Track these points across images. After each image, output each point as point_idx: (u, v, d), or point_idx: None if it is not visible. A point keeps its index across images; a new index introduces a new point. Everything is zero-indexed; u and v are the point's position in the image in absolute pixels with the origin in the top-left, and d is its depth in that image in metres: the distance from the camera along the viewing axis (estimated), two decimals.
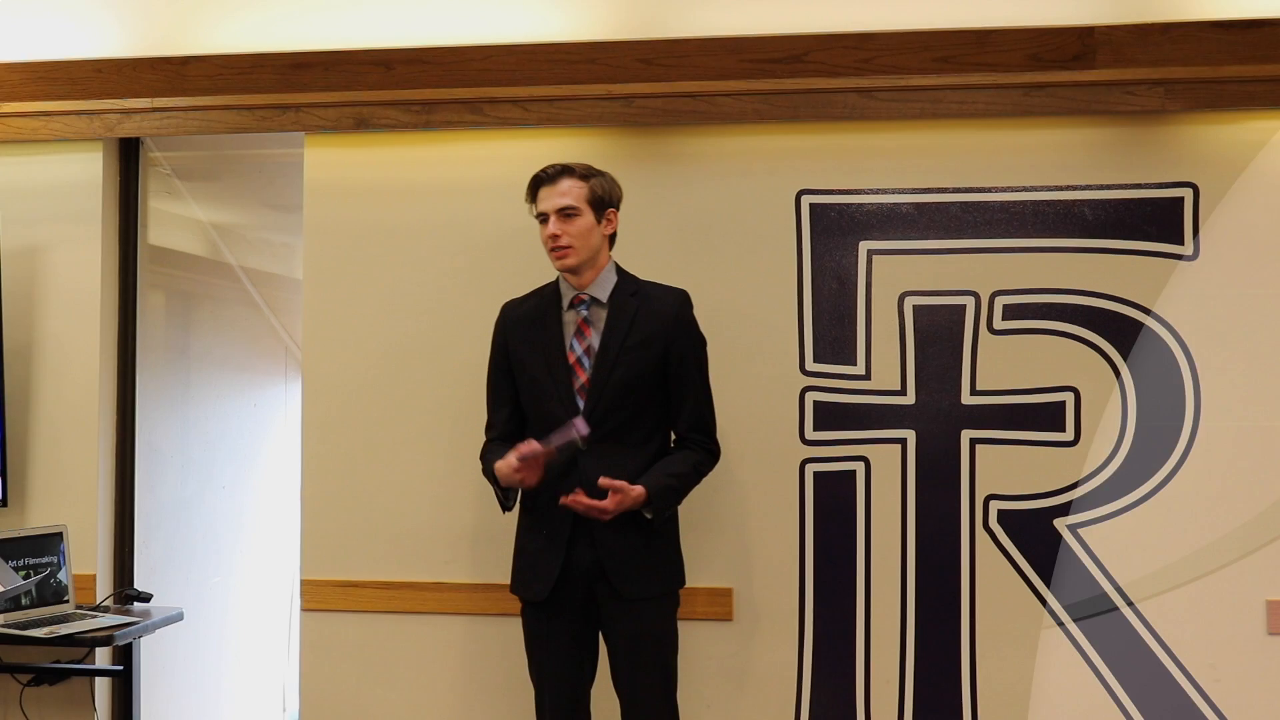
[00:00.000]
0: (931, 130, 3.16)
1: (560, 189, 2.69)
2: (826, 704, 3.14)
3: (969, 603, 3.11)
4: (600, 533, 2.62)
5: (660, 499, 2.63)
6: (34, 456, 3.46)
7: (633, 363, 2.67)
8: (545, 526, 2.68)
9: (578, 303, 2.74)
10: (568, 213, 2.68)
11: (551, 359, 2.71)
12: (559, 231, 2.68)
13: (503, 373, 2.81)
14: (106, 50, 3.40)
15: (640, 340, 2.69)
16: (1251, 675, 3.03)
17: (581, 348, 2.71)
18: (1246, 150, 3.07)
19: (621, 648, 2.69)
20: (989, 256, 3.14)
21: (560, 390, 2.68)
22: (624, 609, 2.66)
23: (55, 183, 3.47)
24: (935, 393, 3.13)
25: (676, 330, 2.72)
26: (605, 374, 2.66)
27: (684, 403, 2.73)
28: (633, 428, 2.68)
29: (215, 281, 4.21)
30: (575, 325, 2.73)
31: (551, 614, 2.68)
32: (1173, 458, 3.07)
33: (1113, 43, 3.01)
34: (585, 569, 2.65)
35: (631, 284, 2.77)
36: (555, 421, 2.61)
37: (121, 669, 3.39)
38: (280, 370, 4.53)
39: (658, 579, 2.70)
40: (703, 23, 3.18)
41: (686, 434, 2.75)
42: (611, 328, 2.70)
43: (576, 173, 2.70)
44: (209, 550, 4.12)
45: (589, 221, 2.70)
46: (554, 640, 2.69)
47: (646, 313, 2.71)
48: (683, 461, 2.71)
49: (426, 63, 3.21)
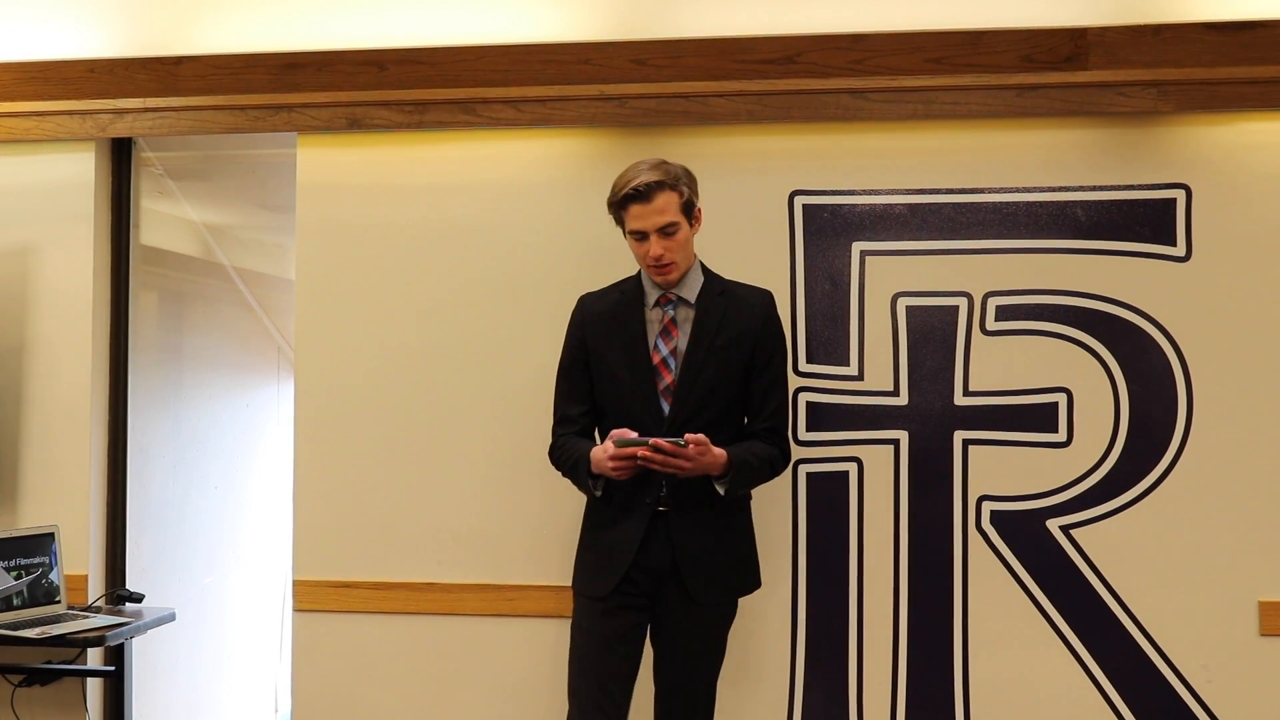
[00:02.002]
0: (924, 131, 3.16)
1: (657, 206, 2.57)
2: (819, 704, 3.14)
3: (961, 603, 3.12)
4: (677, 533, 2.59)
5: (738, 471, 2.57)
6: (25, 457, 3.46)
7: (720, 364, 2.62)
8: (618, 526, 2.61)
9: (664, 302, 2.67)
10: (668, 229, 2.58)
11: (635, 358, 2.64)
12: (663, 251, 2.58)
13: (580, 367, 2.72)
14: (99, 50, 3.40)
15: (728, 341, 2.63)
16: (1243, 676, 3.04)
17: (667, 348, 2.64)
18: (1239, 152, 3.08)
19: (676, 648, 2.64)
20: (982, 257, 3.14)
21: (643, 390, 2.62)
22: (688, 612, 2.61)
23: (47, 183, 3.47)
24: (928, 393, 3.14)
25: (764, 330, 2.68)
26: (693, 376, 2.60)
27: (766, 403, 2.67)
28: (716, 431, 2.59)
29: (207, 282, 4.21)
30: (661, 325, 2.66)
31: (611, 609, 2.61)
32: (1165, 459, 3.07)
33: (1105, 44, 3.02)
34: (656, 568, 2.59)
35: (718, 283, 2.71)
36: (635, 421, 2.58)
37: (113, 669, 3.39)
38: (272, 370, 4.53)
39: (727, 585, 2.67)
40: (696, 23, 3.18)
41: (762, 434, 2.69)
42: (699, 329, 2.63)
43: (667, 184, 2.58)
44: (201, 551, 4.12)
45: (686, 232, 2.62)
46: (609, 635, 2.60)
47: (735, 313, 2.66)
48: (763, 448, 2.66)
49: (419, 63, 3.21)
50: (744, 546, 2.72)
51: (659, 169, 2.60)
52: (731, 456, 2.55)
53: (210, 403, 4.22)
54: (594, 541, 2.70)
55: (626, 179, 2.60)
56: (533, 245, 3.23)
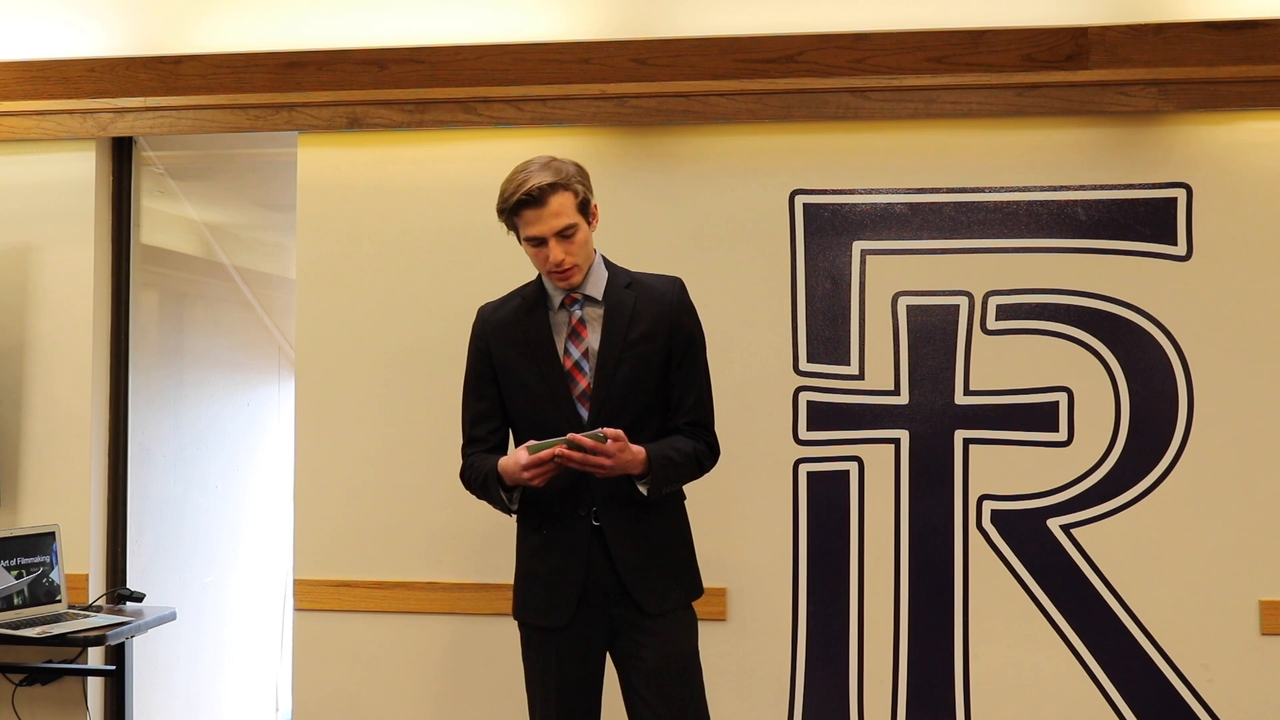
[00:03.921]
0: (925, 130, 3.16)
1: (552, 209, 2.38)
2: (820, 703, 3.14)
3: (962, 603, 3.12)
4: (617, 550, 2.42)
5: (659, 469, 2.39)
6: (26, 456, 3.46)
7: (636, 360, 2.45)
8: (558, 547, 2.46)
9: (569, 303, 2.50)
10: (566, 232, 2.40)
11: (545, 365, 2.47)
12: (563, 255, 2.41)
13: (487, 381, 2.56)
14: (100, 50, 3.40)
15: (641, 335, 2.46)
16: (1244, 675, 3.04)
17: (579, 351, 2.48)
18: (1240, 151, 3.08)
19: (648, 672, 2.43)
20: (983, 257, 3.14)
21: (558, 398, 2.45)
22: (648, 629, 2.44)
23: (48, 182, 3.47)
24: (929, 393, 3.14)
25: (679, 319, 2.51)
26: (609, 376, 2.44)
27: (687, 393, 2.51)
28: (639, 430, 2.44)
29: (208, 281, 4.21)
30: (569, 327, 2.49)
31: (567, 639, 2.45)
32: (1166, 458, 3.07)
33: (1106, 43, 3.02)
34: (605, 590, 2.44)
35: (623, 276, 2.54)
36: (553, 430, 2.39)
37: (114, 669, 3.38)
38: (273, 369, 4.53)
39: (679, 590, 2.50)
40: (696, 23, 3.18)
41: (686, 427, 2.52)
42: (610, 326, 2.47)
43: (560, 184, 2.39)
44: (202, 550, 4.12)
45: (585, 232, 2.44)
46: (567, 668, 2.45)
47: (645, 304, 2.49)
48: (685, 443, 2.48)
49: (420, 62, 3.21)
50: (683, 550, 2.58)
51: (549, 169, 2.41)
52: (650, 454, 2.38)
53: (211, 402, 4.22)
54: (536, 568, 2.50)
55: (516, 183, 2.41)
56: None
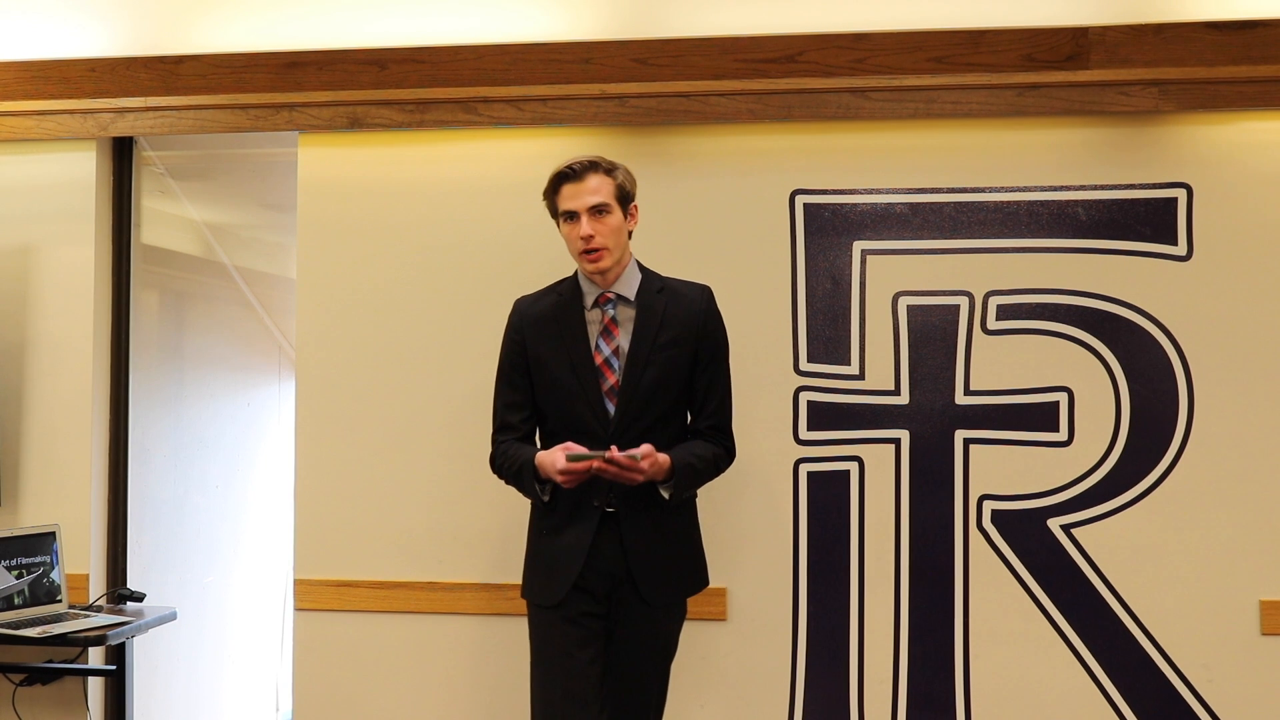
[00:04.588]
0: (925, 130, 3.16)
1: (589, 186, 2.54)
2: (820, 704, 3.14)
3: (962, 603, 3.12)
4: (631, 541, 2.56)
5: (682, 475, 2.54)
6: (27, 456, 3.46)
7: (664, 362, 2.57)
8: (568, 532, 2.58)
9: (603, 302, 2.62)
10: (599, 210, 2.54)
11: (577, 360, 2.58)
12: (593, 231, 2.53)
13: (521, 372, 2.66)
14: (100, 49, 3.40)
15: (670, 339, 2.59)
16: (1244, 675, 3.03)
17: (609, 348, 2.59)
18: (1240, 151, 3.08)
19: (628, 651, 2.60)
20: (983, 257, 3.14)
21: (587, 392, 2.57)
22: (641, 613, 2.58)
23: (48, 182, 3.47)
24: (929, 393, 3.14)
25: (707, 326, 2.64)
26: (637, 375, 2.56)
27: (709, 399, 2.64)
28: (661, 430, 2.58)
29: (209, 281, 4.21)
30: (601, 325, 2.61)
31: (569, 616, 2.56)
32: (1166, 458, 3.07)
33: (1107, 43, 3.02)
34: (609, 571, 2.56)
35: (656, 281, 2.66)
36: (580, 423, 2.55)
37: (115, 669, 3.39)
38: (273, 369, 4.53)
39: (679, 586, 2.65)
40: (696, 22, 3.18)
41: (706, 431, 2.66)
42: (641, 327, 2.58)
43: (602, 167, 2.56)
44: (202, 550, 4.12)
45: (619, 219, 2.57)
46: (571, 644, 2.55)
47: (676, 309, 2.61)
48: (705, 448, 2.62)
49: (420, 62, 3.21)
50: (692, 546, 2.69)
51: (595, 156, 2.59)
52: (675, 461, 2.52)
53: (211, 402, 4.22)
54: (544, 548, 2.64)
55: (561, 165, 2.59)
56: (534, 244, 3.22)
